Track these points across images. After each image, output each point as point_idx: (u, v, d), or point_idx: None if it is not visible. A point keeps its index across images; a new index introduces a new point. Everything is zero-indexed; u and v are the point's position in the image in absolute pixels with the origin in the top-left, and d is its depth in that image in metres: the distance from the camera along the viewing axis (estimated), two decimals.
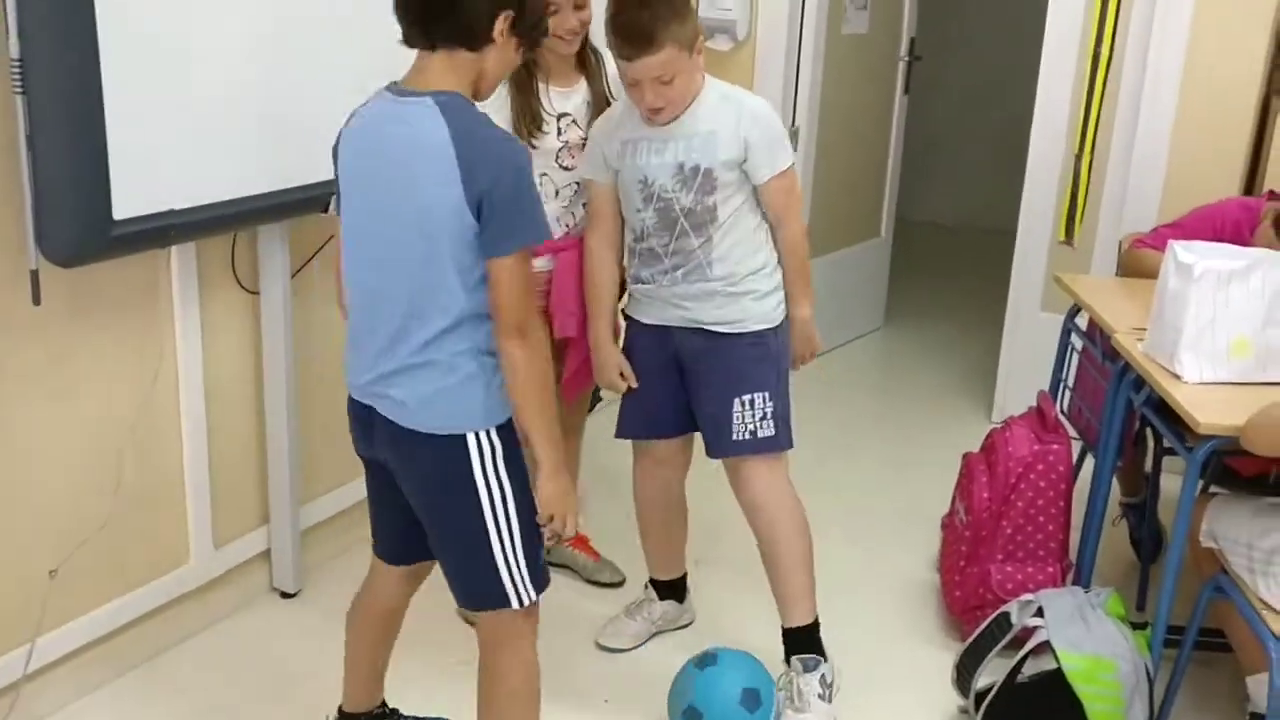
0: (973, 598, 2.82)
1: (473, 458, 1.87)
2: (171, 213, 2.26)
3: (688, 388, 2.54)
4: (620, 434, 2.64)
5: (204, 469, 2.66)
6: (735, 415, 2.46)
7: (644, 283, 2.51)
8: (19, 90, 1.98)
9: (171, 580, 2.64)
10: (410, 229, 1.80)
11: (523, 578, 1.94)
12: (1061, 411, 3.12)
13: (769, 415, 2.47)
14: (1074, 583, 2.79)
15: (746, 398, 2.45)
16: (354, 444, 2.03)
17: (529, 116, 2.56)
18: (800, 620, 2.55)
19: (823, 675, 2.52)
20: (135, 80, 2.13)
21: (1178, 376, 2.36)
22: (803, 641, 2.55)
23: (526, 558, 1.94)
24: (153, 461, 2.55)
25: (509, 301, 1.81)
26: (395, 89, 1.85)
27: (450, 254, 1.79)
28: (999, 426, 2.93)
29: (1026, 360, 4.10)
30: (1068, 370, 3.15)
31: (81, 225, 2.11)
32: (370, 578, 2.19)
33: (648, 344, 2.55)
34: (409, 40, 1.83)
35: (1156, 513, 3.19)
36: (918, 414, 4.36)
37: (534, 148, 2.51)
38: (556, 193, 2.62)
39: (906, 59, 4.93)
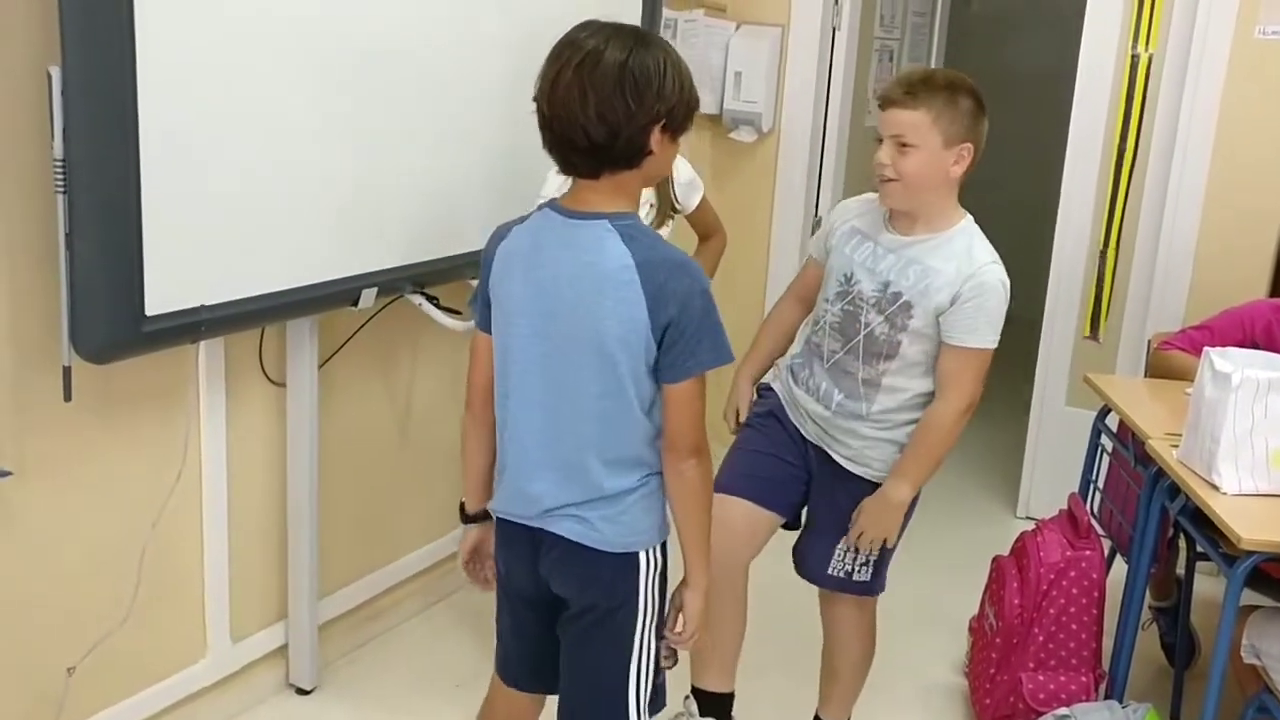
0: (1003, 706, 2.76)
1: (641, 573, 1.85)
2: (203, 308, 2.26)
3: (808, 494, 2.47)
4: (717, 488, 2.42)
5: (223, 563, 2.62)
6: (837, 553, 2.41)
7: (798, 383, 2.43)
8: (61, 190, 1.98)
9: (187, 676, 2.59)
10: (590, 357, 1.76)
11: (642, 702, 1.91)
12: (1091, 513, 3.08)
13: (870, 562, 2.42)
14: (1107, 693, 2.73)
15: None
16: (503, 568, 1.96)
17: None
18: (835, 718, 2.66)
19: None
20: (172, 179, 2.13)
21: (1215, 487, 2.33)
22: None
23: (653, 682, 1.92)
24: (173, 555, 2.52)
25: (688, 425, 1.78)
26: (560, 209, 1.80)
27: (631, 380, 1.76)
28: (1030, 530, 2.89)
29: (1052, 456, 4.06)
30: (1097, 471, 3.11)
31: (115, 322, 2.10)
32: (493, 697, 2.12)
33: (790, 428, 2.45)
34: (568, 171, 1.78)
35: (1190, 618, 3.13)
36: (942, 509, 4.29)
37: None
38: None
39: None
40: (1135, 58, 3.83)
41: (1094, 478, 3.11)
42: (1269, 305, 3.16)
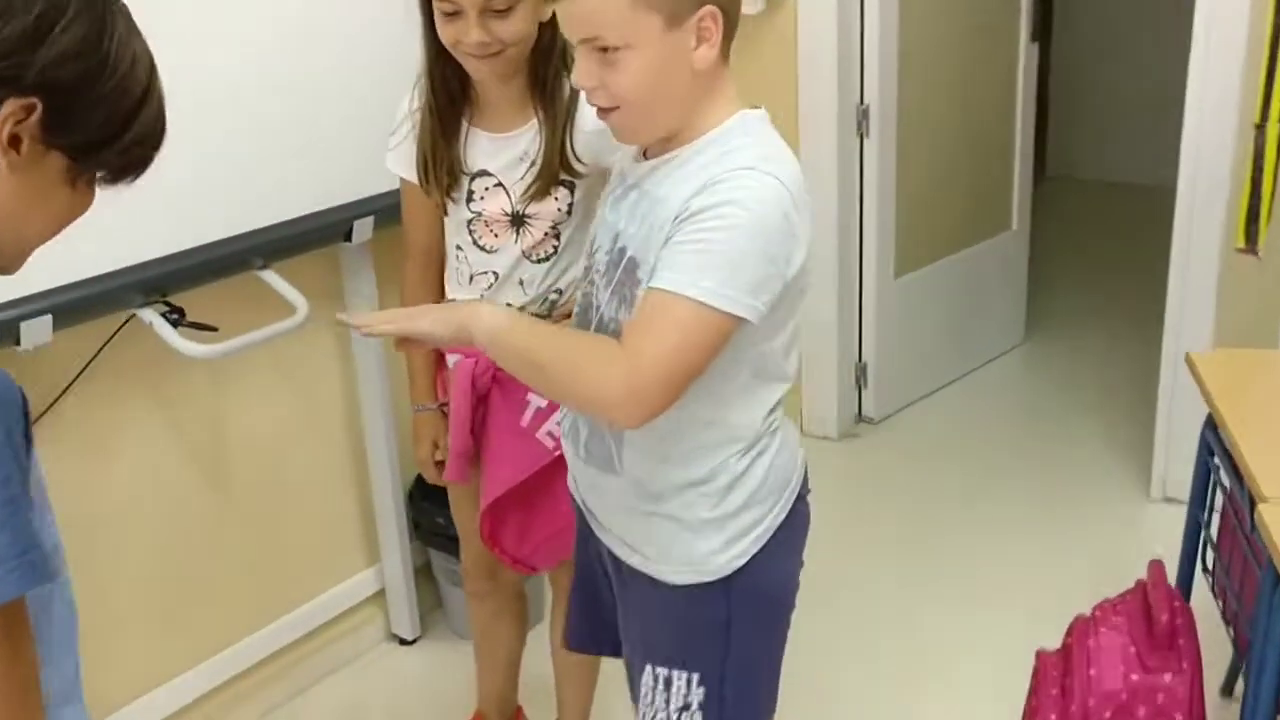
0: None
1: None
2: None
3: None
4: (566, 642, 1.79)
5: None
6: (644, 690, 1.52)
7: (565, 430, 1.57)
8: None
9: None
10: None
11: None
12: (1204, 570, 2.00)
13: (693, 706, 1.48)
14: None
15: (662, 672, 1.50)
16: None
17: (440, 166, 1.74)
18: None
19: None
20: None
21: None
22: None
23: None
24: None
25: None
26: None
27: None
28: (1085, 618, 1.83)
29: (1191, 421, 2.89)
30: (1209, 511, 1.99)
31: None
32: None
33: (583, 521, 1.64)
34: None
35: None
36: (1055, 479, 3.21)
37: (446, 213, 1.80)
38: (471, 279, 1.81)
39: None
40: None
41: (1205, 520, 2.00)
42: None
